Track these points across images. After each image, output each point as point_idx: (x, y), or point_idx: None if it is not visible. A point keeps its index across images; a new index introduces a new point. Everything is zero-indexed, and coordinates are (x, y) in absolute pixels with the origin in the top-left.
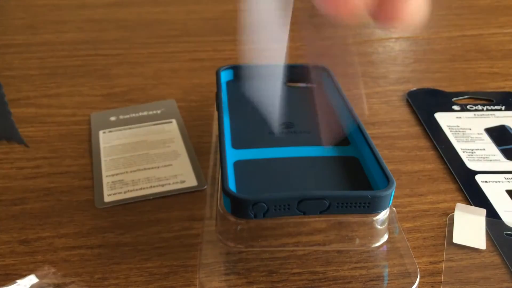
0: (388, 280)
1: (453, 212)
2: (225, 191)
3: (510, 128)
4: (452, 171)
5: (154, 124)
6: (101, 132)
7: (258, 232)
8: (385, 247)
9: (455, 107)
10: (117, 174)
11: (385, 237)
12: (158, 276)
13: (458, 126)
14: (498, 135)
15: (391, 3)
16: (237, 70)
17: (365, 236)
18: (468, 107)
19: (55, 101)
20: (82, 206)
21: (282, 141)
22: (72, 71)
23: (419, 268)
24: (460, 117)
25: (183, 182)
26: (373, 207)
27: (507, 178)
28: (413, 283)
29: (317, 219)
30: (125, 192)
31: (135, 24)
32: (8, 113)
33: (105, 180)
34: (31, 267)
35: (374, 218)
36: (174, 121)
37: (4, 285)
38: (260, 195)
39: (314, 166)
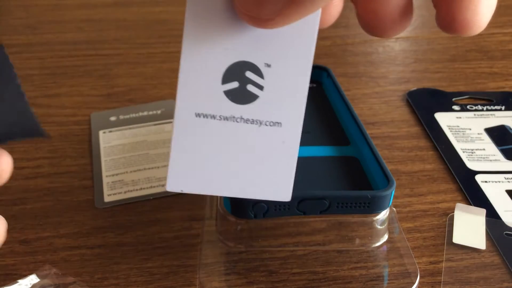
0: (388, 280)
1: (453, 212)
2: None
3: (510, 128)
4: (452, 171)
5: (154, 124)
6: (101, 132)
7: (258, 232)
8: (385, 247)
9: (455, 107)
10: (117, 174)
11: (385, 237)
12: (158, 276)
13: (458, 126)
14: (498, 135)
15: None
16: None
17: (365, 236)
18: (468, 107)
19: (55, 101)
20: (82, 206)
21: None
22: (72, 71)
23: (419, 268)
24: (460, 117)
25: None
26: (373, 207)
27: (507, 178)
28: (413, 283)
29: (317, 219)
30: (125, 192)
31: (135, 24)
32: (26, 104)
33: (105, 180)
34: (31, 267)
35: (374, 218)
36: None
37: (5, 284)
38: None
39: (314, 166)
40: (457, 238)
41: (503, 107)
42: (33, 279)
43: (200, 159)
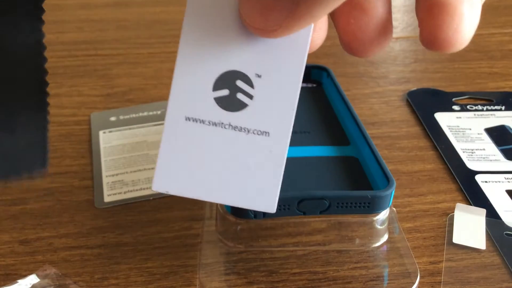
0: (388, 280)
1: (453, 212)
2: None
3: (510, 128)
4: (452, 171)
5: (154, 125)
6: (101, 132)
7: (258, 232)
8: (385, 247)
9: (455, 107)
10: (117, 174)
11: (385, 237)
12: (158, 276)
13: (458, 126)
14: (498, 135)
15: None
16: None
17: (365, 236)
18: (468, 107)
19: (55, 101)
20: (82, 206)
21: None
22: (72, 71)
23: (419, 268)
24: (460, 117)
25: None
26: (373, 207)
27: (507, 178)
28: (413, 283)
29: (317, 219)
30: (125, 192)
31: (135, 24)
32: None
33: (105, 180)
34: (31, 267)
35: (374, 218)
36: None
37: (5, 284)
38: None
39: (314, 166)
40: (457, 238)
41: (503, 107)
42: (33, 279)
43: (187, 161)
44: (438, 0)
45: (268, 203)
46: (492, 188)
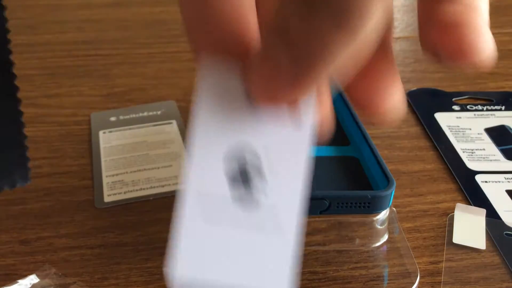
0: (388, 280)
1: (453, 212)
2: None
3: (510, 128)
4: (452, 171)
5: (154, 125)
6: (101, 132)
7: None
8: (385, 247)
9: (455, 107)
10: (117, 175)
11: (385, 237)
12: (158, 276)
13: (458, 126)
14: (498, 135)
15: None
16: None
17: (365, 236)
18: (468, 107)
19: (55, 101)
20: (82, 206)
21: None
22: (72, 71)
23: (419, 268)
24: (460, 117)
25: None
26: (373, 207)
27: (507, 178)
28: (413, 283)
29: (317, 219)
30: (125, 193)
31: (135, 24)
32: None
33: (105, 180)
34: (31, 267)
35: (374, 218)
36: (174, 122)
37: (5, 284)
38: None
39: (314, 166)
40: (457, 238)
41: (503, 107)
42: (33, 279)
43: (202, 247)
44: (454, 19)
45: None
46: (492, 188)
